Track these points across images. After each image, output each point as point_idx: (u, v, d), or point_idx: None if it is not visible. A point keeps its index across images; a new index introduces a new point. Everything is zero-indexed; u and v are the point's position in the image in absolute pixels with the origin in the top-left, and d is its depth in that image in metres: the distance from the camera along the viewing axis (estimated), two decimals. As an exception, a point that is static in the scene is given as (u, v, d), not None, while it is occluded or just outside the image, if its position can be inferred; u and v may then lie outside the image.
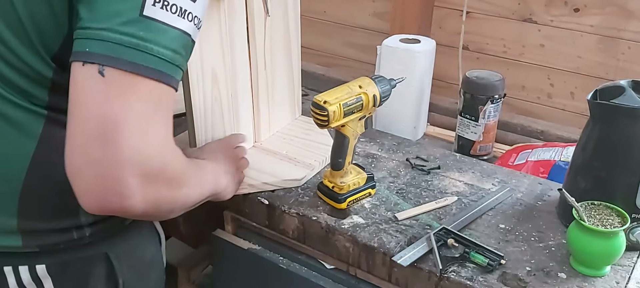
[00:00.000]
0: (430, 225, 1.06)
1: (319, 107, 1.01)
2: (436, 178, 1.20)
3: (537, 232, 1.04)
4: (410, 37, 1.40)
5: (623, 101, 0.96)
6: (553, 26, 1.54)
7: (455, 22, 1.66)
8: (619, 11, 1.44)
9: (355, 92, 1.04)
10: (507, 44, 1.62)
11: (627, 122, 0.96)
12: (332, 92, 1.03)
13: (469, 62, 1.65)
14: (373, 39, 1.77)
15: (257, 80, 1.21)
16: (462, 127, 1.36)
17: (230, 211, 1.23)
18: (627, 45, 1.45)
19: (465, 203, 1.12)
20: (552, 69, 1.58)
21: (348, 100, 1.03)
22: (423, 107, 1.44)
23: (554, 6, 1.52)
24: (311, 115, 1.04)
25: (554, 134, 1.46)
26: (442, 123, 1.54)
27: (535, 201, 1.13)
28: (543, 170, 1.23)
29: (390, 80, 1.10)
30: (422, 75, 1.38)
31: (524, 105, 1.65)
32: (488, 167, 1.25)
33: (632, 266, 0.97)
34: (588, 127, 1.02)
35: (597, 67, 1.51)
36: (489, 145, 1.36)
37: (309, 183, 1.17)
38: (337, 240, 1.06)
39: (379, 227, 1.05)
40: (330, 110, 1.00)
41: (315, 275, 1.13)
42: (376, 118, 1.45)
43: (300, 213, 1.10)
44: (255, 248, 1.21)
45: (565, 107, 1.59)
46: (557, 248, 1.00)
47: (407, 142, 1.35)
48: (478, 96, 1.31)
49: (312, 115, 1.03)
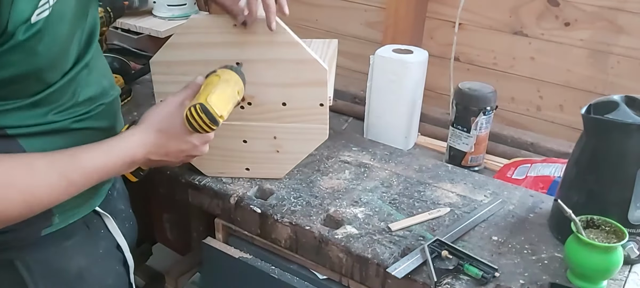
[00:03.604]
0: (423, 236, 1.06)
1: (214, 120, 0.91)
2: (429, 189, 1.20)
3: (529, 245, 1.05)
4: (403, 47, 1.41)
5: (616, 116, 0.97)
6: (544, 39, 1.55)
7: (447, 33, 1.66)
8: (609, 26, 1.45)
9: (234, 90, 0.98)
10: (498, 56, 1.63)
11: (620, 136, 0.96)
12: (220, 95, 0.94)
13: (459, 72, 1.66)
14: (365, 48, 1.77)
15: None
16: (453, 138, 1.36)
17: (221, 219, 1.22)
18: (617, 59, 1.47)
19: (458, 214, 1.12)
20: (541, 81, 1.59)
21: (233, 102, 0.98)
22: (415, 117, 1.45)
23: (545, 20, 1.53)
24: (193, 122, 0.91)
25: (544, 146, 1.47)
26: (433, 133, 1.55)
27: (527, 213, 1.14)
28: (542, 186, 1.24)
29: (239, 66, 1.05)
30: (415, 86, 1.39)
31: (513, 116, 1.66)
32: (480, 179, 1.25)
33: (624, 280, 0.98)
34: (581, 141, 1.03)
35: (587, 81, 1.53)
36: (480, 156, 1.37)
37: (301, 193, 1.17)
38: (330, 250, 1.05)
39: (372, 237, 1.05)
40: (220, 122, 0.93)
41: (308, 286, 1.12)
42: (368, 127, 1.45)
43: (293, 223, 1.09)
44: (246, 257, 1.20)
45: (555, 120, 1.61)
46: (550, 261, 1.00)
47: (398, 152, 1.35)
48: (470, 107, 1.31)
49: (196, 123, 0.91)
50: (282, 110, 1.12)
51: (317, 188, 1.19)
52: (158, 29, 1.67)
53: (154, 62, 1.10)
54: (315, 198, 1.16)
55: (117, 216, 1.05)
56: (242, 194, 1.16)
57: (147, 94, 1.61)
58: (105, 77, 0.98)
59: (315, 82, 1.09)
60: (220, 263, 1.22)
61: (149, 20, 1.73)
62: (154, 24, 1.70)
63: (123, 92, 1.53)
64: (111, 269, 1.03)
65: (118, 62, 1.65)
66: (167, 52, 1.08)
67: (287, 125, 1.14)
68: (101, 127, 0.94)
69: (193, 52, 1.07)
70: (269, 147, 1.17)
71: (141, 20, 1.72)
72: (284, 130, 1.14)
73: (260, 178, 1.21)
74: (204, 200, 1.21)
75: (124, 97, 1.54)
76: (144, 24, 1.70)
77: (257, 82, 1.09)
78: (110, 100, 0.97)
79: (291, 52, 1.05)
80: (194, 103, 0.90)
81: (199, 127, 0.91)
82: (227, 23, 1.04)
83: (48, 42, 0.77)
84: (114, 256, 1.03)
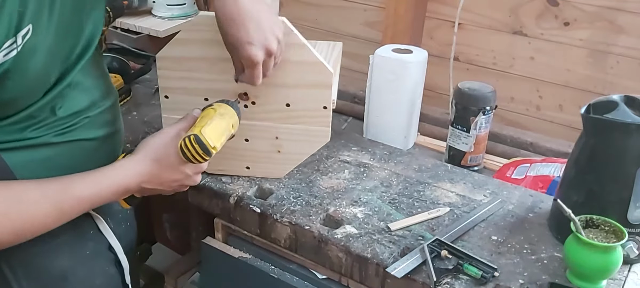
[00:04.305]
0: (423, 236, 1.06)
1: (207, 151, 0.94)
2: (428, 189, 1.20)
3: (529, 244, 1.05)
4: (403, 47, 1.41)
5: (616, 116, 0.97)
6: (543, 39, 1.55)
7: (446, 33, 1.67)
8: (608, 26, 1.45)
9: (229, 124, 1.01)
10: (497, 55, 1.64)
11: (619, 136, 0.97)
12: (215, 127, 0.97)
13: (458, 72, 1.66)
14: (364, 48, 1.77)
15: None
16: (453, 138, 1.36)
17: (221, 219, 1.22)
18: (616, 59, 1.47)
19: (457, 214, 1.12)
20: (541, 81, 1.60)
21: (226, 134, 1.00)
22: (414, 117, 1.45)
23: (545, 19, 1.53)
24: (187, 152, 0.93)
25: (544, 146, 1.47)
26: (432, 133, 1.55)
27: (526, 213, 1.14)
28: (542, 185, 1.24)
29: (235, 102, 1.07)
30: (414, 86, 1.39)
31: (512, 116, 1.66)
32: (479, 178, 1.25)
33: (623, 280, 0.98)
34: (581, 141, 1.03)
35: (586, 81, 1.53)
36: (480, 156, 1.37)
37: (301, 192, 1.17)
38: (330, 250, 1.05)
39: (372, 237, 1.05)
40: (213, 153, 0.95)
41: (307, 285, 1.12)
42: (367, 127, 1.45)
43: (292, 222, 1.09)
44: (246, 257, 1.20)
45: (554, 120, 1.61)
46: (550, 261, 1.01)
47: (398, 151, 1.35)
48: (470, 107, 1.31)
49: (190, 153, 0.93)
50: (285, 110, 1.12)
51: (317, 188, 1.19)
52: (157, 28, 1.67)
53: (160, 57, 1.10)
54: (314, 198, 1.16)
55: (113, 217, 1.05)
56: (241, 194, 1.16)
57: (146, 93, 1.61)
58: (97, 88, 0.97)
59: (319, 84, 1.09)
60: (219, 263, 1.22)
61: (148, 20, 1.73)
62: (154, 24, 1.70)
63: (122, 92, 1.53)
64: (99, 270, 1.02)
65: (117, 62, 1.65)
66: (174, 47, 1.08)
67: (289, 126, 1.14)
68: (88, 138, 0.94)
69: (199, 49, 1.07)
70: (271, 147, 1.17)
71: (140, 19, 1.72)
72: (286, 131, 1.14)
73: (259, 177, 1.21)
74: (204, 200, 1.21)
75: (124, 97, 1.54)
76: (144, 24, 1.70)
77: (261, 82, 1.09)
78: (99, 111, 0.96)
79: (297, 54, 1.05)
80: (188, 134, 0.93)
81: (192, 157, 0.93)
82: None
83: (18, 78, 0.77)
84: (104, 257, 1.03)
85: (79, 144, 0.92)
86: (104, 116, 0.98)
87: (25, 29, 0.74)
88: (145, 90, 1.63)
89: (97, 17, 0.92)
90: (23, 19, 0.74)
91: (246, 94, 1.10)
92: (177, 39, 1.07)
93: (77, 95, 0.92)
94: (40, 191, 0.83)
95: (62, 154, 0.88)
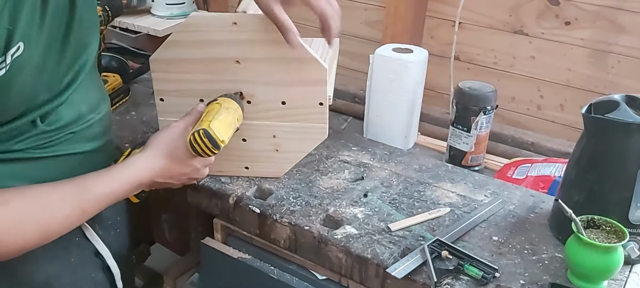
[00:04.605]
0: (423, 237, 1.05)
1: (216, 145, 0.97)
2: (429, 189, 1.19)
3: (530, 245, 1.04)
4: (403, 46, 1.40)
5: (617, 115, 0.96)
6: (544, 38, 1.55)
7: (447, 32, 1.66)
8: (609, 25, 1.45)
9: (235, 117, 1.03)
10: (498, 55, 1.63)
11: (621, 136, 0.96)
12: (222, 121, 0.99)
13: (459, 72, 1.65)
14: (364, 47, 1.77)
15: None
16: (454, 138, 1.36)
17: (220, 219, 1.22)
18: (617, 59, 1.46)
19: (458, 214, 1.12)
20: (542, 81, 1.59)
21: (233, 128, 1.03)
22: (415, 116, 1.44)
23: (545, 19, 1.53)
24: (196, 147, 0.97)
25: (545, 146, 1.46)
26: (433, 133, 1.54)
27: (527, 213, 1.13)
28: (543, 186, 1.23)
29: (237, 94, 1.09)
30: (415, 85, 1.38)
31: (513, 116, 1.65)
32: (480, 178, 1.25)
33: (624, 280, 0.97)
34: (582, 141, 1.02)
35: (587, 80, 1.52)
36: (480, 156, 1.36)
37: (301, 193, 1.16)
38: (330, 250, 1.05)
39: (372, 237, 1.04)
40: (222, 147, 0.98)
41: (307, 286, 1.12)
42: (367, 127, 1.44)
43: (292, 223, 1.08)
44: (245, 257, 1.19)
45: (555, 119, 1.60)
46: (551, 262, 1.00)
47: (398, 151, 1.34)
48: (470, 107, 1.31)
49: (199, 147, 0.97)
50: (281, 109, 1.11)
51: (317, 188, 1.18)
52: (156, 27, 1.67)
53: (154, 60, 1.09)
54: (314, 198, 1.15)
55: (101, 224, 1.05)
56: (241, 194, 1.16)
57: (145, 93, 1.60)
58: (86, 103, 0.96)
59: (315, 81, 1.08)
60: (218, 264, 1.22)
61: (147, 19, 1.73)
62: (153, 23, 1.70)
63: (121, 91, 1.52)
64: (85, 277, 1.02)
65: (116, 61, 1.65)
66: (167, 50, 1.07)
67: (286, 124, 1.13)
68: (73, 152, 0.94)
69: (193, 50, 1.06)
70: (268, 146, 1.16)
71: (139, 19, 1.72)
72: (283, 129, 1.14)
73: (259, 177, 1.20)
74: (203, 200, 1.20)
75: (122, 97, 1.53)
76: (143, 23, 1.69)
77: (256, 80, 1.08)
78: (87, 126, 0.96)
79: (291, 51, 1.05)
80: (197, 129, 0.96)
81: (202, 151, 0.97)
82: (227, 21, 1.04)
83: (3, 97, 0.77)
84: (89, 263, 1.02)
85: (64, 158, 0.92)
86: (91, 130, 0.98)
87: (14, 47, 0.74)
88: (144, 89, 1.62)
89: (92, 39, 0.93)
90: (13, 37, 0.72)
91: (241, 93, 1.10)
92: (169, 41, 1.07)
93: (62, 110, 0.91)
94: (60, 193, 0.85)
95: (46, 168, 0.88)
